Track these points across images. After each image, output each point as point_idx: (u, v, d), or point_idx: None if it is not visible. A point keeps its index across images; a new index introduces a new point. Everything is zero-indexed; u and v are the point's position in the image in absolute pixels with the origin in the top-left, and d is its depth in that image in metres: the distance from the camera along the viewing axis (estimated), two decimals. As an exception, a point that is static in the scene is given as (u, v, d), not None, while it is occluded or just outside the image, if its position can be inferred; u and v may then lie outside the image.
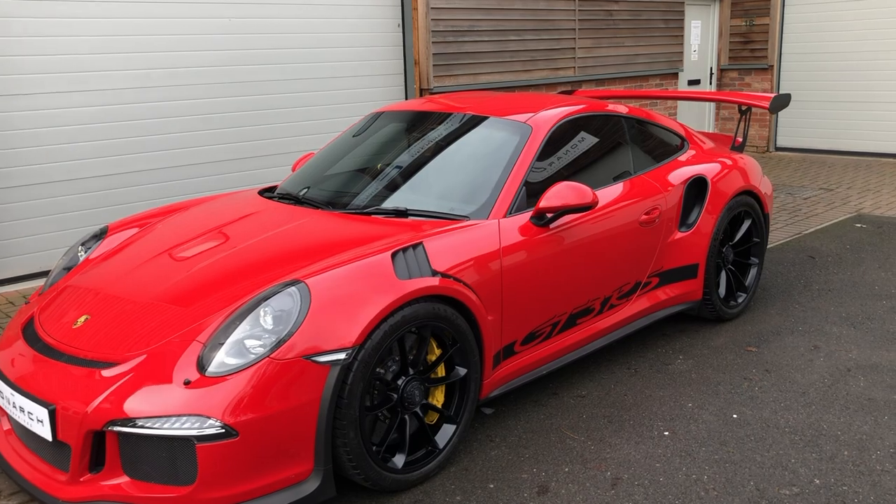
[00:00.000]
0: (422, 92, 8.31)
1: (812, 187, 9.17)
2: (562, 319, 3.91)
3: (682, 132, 5.07)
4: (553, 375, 4.23)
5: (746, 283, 5.10)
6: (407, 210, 3.71)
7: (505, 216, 3.67)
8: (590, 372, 4.29)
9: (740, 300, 5.05)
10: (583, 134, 4.31)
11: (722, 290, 4.90)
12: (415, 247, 3.25)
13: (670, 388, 4.09)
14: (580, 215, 3.90)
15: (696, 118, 11.81)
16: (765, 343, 4.64)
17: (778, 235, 7.01)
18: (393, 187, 3.96)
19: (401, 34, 8.10)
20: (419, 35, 8.05)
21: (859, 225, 7.34)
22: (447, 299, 3.26)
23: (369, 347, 2.95)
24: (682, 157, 4.82)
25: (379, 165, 4.21)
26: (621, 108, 4.67)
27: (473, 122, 4.22)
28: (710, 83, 11.95)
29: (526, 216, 3.73)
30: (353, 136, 4.61)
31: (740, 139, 5.53)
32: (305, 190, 4.16)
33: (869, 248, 6.55)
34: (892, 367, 4.29)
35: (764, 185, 5.19)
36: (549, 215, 3.71)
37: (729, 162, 5.00)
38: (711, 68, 11.91)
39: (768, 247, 6.62)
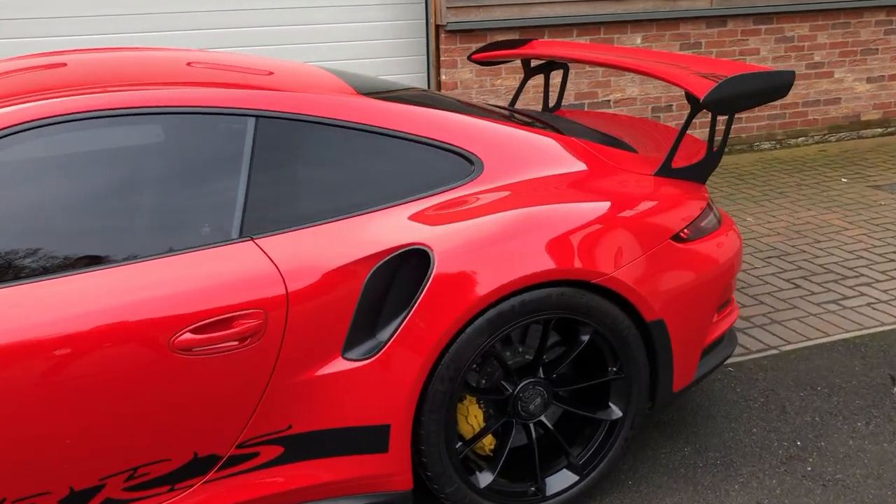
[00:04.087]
0: (437, 30, 6.06)
1: None
2: None
3: (484, 142, 2.51)
4: None
5: (582, 460, 2.54)
6: None
7: None
8: None
9: (555, 493, 2.50)
10: (74, 156, 2.14)
11: (487, 477, 2.43)
12: None
13: None
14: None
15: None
16: None
17: (880, 315, 3.91)
18: None
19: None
20: (435, -56, 5.79)
21: None
22: None
23: None
24: (424, 202, 2.35)
25: None
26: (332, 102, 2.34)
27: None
28: None
29: None
30: None
31: (705, 151, 2.80)
32: None
33: None
34: None
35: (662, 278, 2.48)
36: None
37: (585, 210, 2.41)
38: None
39: (826, 339, 3.66)
